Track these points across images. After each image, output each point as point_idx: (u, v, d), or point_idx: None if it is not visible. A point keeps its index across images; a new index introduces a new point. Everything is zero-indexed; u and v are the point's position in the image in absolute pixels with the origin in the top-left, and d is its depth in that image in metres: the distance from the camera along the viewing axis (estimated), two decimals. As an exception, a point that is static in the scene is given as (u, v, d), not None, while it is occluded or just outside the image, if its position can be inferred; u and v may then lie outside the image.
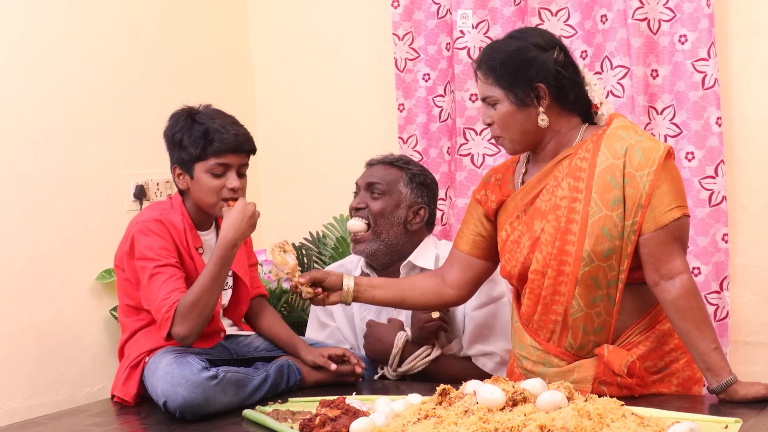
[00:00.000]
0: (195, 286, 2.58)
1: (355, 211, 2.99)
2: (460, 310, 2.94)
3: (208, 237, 2.79)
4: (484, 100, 2.51)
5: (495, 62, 2.46)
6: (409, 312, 2.93)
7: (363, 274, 3.03)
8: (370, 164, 3.06)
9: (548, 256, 2.44)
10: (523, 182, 2.57)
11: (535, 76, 2.43)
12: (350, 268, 3.10)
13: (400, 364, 2.87)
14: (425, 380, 2.81)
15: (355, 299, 2.72)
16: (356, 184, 3.04)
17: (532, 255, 2.48)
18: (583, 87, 2.51)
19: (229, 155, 2.69)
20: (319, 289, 2.68)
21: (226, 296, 2.82)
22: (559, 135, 2.49)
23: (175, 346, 2.61)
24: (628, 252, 2.37)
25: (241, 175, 2.72)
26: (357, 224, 2.96)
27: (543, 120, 2.45)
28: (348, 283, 2.69)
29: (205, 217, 2.78)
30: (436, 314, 2.83)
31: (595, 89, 2.51)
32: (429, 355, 2.86)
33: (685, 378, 2.47)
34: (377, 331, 2.91)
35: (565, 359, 2.46)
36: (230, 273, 2.79)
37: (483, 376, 2.86)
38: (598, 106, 2.52)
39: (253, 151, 2.76)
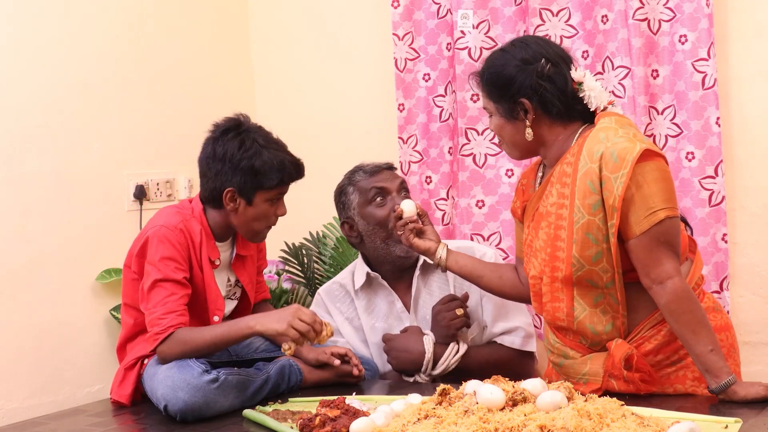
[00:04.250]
0: (200, 333, 2.55)
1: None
2: (475, 295, 2.94)
3: (224, 249, 2.77)
4: (484, 108, 2.57)
5: (483, 77, 2.51)
6: (425, 316, 2.94)
7: (365, 283, 3.01)
8: (381, 168, 2.99)
9: (542, 263, 2.47)
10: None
11: (517, 92, 2.45)
12: (345, 283, 3.07)
13: (433, 368, 2.86)
14: (460, 376, 2.73)
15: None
16: (380, 188, 2.94)
17: (530, 262, 2.52)
18: (577, 95, 2.48)
19: (288, 185, 2.72)
20: (420, 224, 2.74)
21: (230, 306, 2.82)
22: (556, 144, 2.48)
23: None
24: (614, 253, 2.36)
25: None
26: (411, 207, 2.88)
27: (528, 134, 2.47)
28: (444, 248, 2.73)
29: (227, 231, 2.76)
30: (460, 311, 2.85)
31: (594, 95, 2.46)
32: (458, 351, 2.86)
33: (700, 372, 2.44)
34: (400, 342, 2.88)
35: (581, 351, 2.48)
36: (239, 284, 2.80)
37: (513, 355, 2.92)
38: (601, 109, 2.49)
39: None
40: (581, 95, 2.47)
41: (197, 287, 2.67)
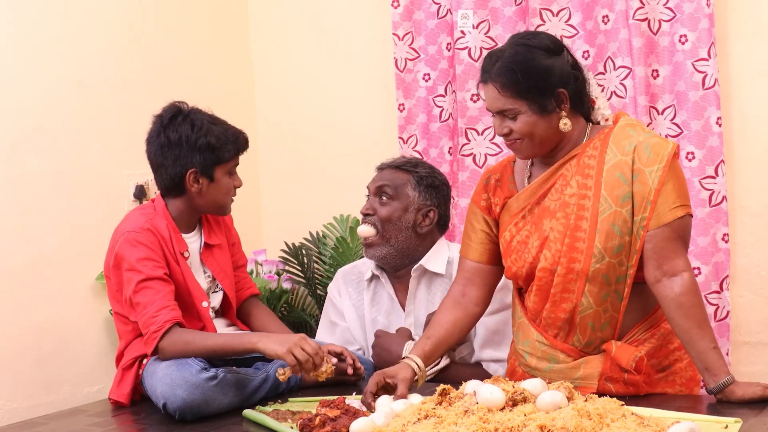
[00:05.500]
0: (203, 337, 2.58)
1: (363, 216, 3.01)
2: None
3: (191, 240, 2.80)
4: (500, 112, 2.44)
5: (515, 75, 2.39)
6: (419, 319, 2.94)
7: (373, 276, 3.04)
8: (380, 168, 3.06)
9: (557, 254, 2.44)
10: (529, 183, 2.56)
11: (558, 83, 2.41)
12: (363, 270, 3.11)
13: None
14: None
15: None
16: (367, 188, 3.04)
17: (541, 254, 2.47)
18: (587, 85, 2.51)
19: (239, 156, 2.79)
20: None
21: (216, 298, 2.83)
22: (573, 138, 2.48)
23: None
24: (637, 247, 2.37)
25: None
26: (366, 230, 2.98)
27: (565, 124, 2.43)
28: (417, 369, 2.50)
29: (192, 220, 2.79)
30: None
31: (593, 84, 2.52)
32: (438, 363, 2.85)
33: (687, 378, 2.48)
34: (385, 341, 2.91)
35: (572, 355, 2.46)
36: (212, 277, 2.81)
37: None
38: (595, 100, 2.53)
39: None
40: (594, 97, 2.51)
41: (177, 281, 2.69)
